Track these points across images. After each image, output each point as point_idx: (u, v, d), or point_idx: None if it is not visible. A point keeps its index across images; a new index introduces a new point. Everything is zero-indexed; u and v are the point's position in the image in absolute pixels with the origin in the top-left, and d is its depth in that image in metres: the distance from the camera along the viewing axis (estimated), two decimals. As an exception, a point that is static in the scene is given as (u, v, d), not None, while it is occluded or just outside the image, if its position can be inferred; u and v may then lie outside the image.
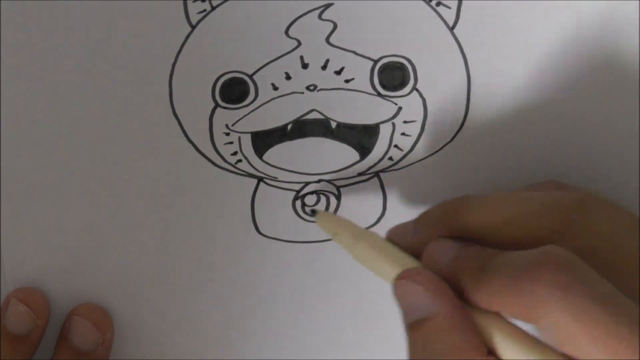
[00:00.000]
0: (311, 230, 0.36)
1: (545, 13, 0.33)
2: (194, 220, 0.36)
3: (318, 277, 0.37)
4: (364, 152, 0.35)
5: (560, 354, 0.25)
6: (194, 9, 0.34)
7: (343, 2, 0.33)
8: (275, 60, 0.34)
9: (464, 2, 0.33)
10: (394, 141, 0.35)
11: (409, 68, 0.34)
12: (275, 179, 0.36)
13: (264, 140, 0.35)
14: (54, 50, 0.34)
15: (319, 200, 0.36)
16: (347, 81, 0.34)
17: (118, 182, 0.35)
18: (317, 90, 0.34)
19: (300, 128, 0.35)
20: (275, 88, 0.34)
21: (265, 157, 0.35)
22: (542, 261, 0.25)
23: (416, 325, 0.28)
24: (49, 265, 0.36)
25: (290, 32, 0.34)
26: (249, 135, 0.35)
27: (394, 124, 0.35)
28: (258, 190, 0.36)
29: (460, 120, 0.35)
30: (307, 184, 0.36)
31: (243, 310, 0.37)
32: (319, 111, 0.34)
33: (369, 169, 0.36)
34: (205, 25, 0.34)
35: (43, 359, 0.37)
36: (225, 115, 0.35)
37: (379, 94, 0.34)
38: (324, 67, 0.34)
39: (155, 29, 0.34)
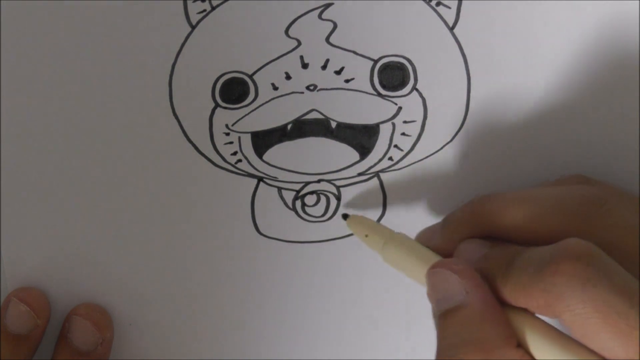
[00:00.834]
0: (311, 230, 0.36)
1: (545, 13, 0.33)
2: (194, 220, 0.36)
3: (318, 277, 0.37)
4: (364, 152, 0.35)
5: (592, 352, 0.25)
6: (194, 9, 0.34)
7: (343, 2, 0.33)
8: (275, 60, 0.34)
9: (464, 2, 0.33)
10: (394, 141, 0.35)
11: (409, 68, 0.34)
12: (275, 179, 0.36)
13: (264, 140, 0.35)
14: (54, 50, 0.34)
15: (319, 200, 0.36)
16: (347, 81, 0.34)
17: (118, 182, 0.35)
18: (317, 90, 0.34)
19: (300, 128, 0.35)
20: (275, 88, 0.34)
21: (265, 157, 0.35)
22: (563, 254, 0.25)
23: (448, 314, 0.28)
24: (49, 265, 0.36)
25: (290, 32, 0.34)
26: (249, 135, 0.35)
27: (394, 124, 0.35)
28: (258, 190, 0.36)
29: (460, 120, 0.35)
30: (307, 184, 0.36)
31: (243, 310, 0.37)
32: (319, 111, 0.34)
33: (369, 169, 0.36)
34: (205, 25, 0.34)
35: (43, 359, 0.37)
36: (225, 115, 0.35)
37: (379, 94, 0.34)
38: (324, 67, 0.34)
39: (155, 29, 0.34)
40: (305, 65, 0.34)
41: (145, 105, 0.34)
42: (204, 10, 0.34)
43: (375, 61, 0.34)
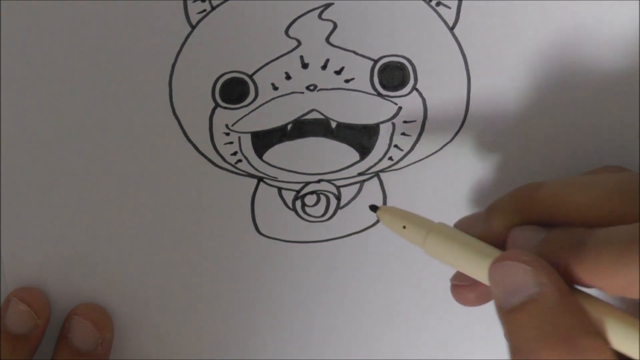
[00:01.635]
0: (311, 231, 0.36)
1: (544, 13, 0.33)
2: (194, 221, 0.36)
3: (318, 278, 0.37)
4: (364, 152, 0.35)
5: None
6: (194, 9, 0.34)
7: (343, 2, 0.33)
8: (275, 60, 0.34)
9: (464, 2, 0.33)
10: (394, 141, 0.35)
11: (409, 68, 0.34)
12: (275, 179, 0.36)
13: (264, 140, 0.35)
14: (53, 50, 0.34)
15: (319, 200, 0.36)
16: (347, 81, 0.34)
17: (118, 182, 0.35)
18: (317, 90, 0.34)
19: (300, 128, 0.35)
20: (275, 88, 0.34)
21: (265, 157, 0.35)
22: None
23: (520, 308, 0.27)
24: (49, 265, 0.36)
25: (290, 32, 0.34)
26: (249, 135, 0.35)
27: (394, 124, 0.35)
28: (258, 190, 0.36)
29: (460, 120, 0.35)
30: (307, 184, 0.36)
31: (243, 310, 0.37)
32: (319, 111, 0.34)
33: (369, 169, 0.36)
34: (205, 25, 0.34)
35: (43, 359, 0.37)
36: (225, 115, 0.35)
37: (379, 94, 0.34)
38: (324, 67, 0.34)
39: (155, 29, 0.34)
40: (305, 65, 0.34)
41: (145, 105, 0.34)
42: (204, 10, 0.34)
43: (375, 61, 0.34)
